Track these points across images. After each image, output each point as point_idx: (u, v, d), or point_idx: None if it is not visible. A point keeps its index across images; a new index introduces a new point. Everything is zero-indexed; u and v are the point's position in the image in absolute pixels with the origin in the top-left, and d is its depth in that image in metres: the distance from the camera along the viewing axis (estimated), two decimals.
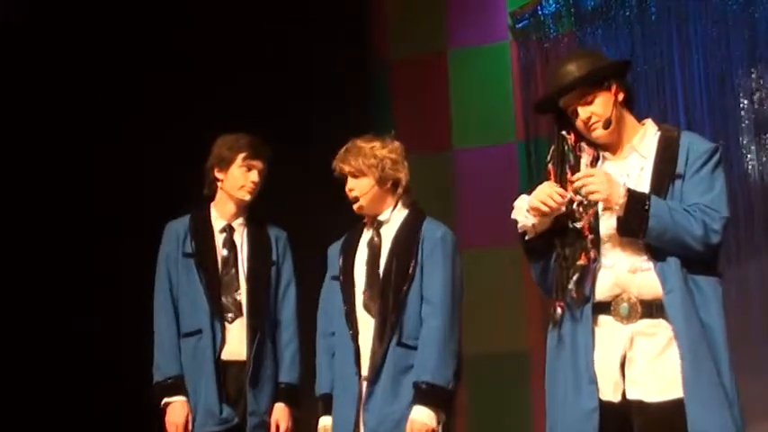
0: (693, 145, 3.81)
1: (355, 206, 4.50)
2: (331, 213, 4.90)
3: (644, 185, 3.76)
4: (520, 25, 6.96)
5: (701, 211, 3.68)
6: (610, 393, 3.73)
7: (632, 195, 3.66)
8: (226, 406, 4.72)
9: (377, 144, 4.51)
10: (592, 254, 3.73)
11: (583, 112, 3.81)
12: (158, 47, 6.81)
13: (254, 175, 4.82)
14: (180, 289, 4.82)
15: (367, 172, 4.46)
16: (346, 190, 4.50)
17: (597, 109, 3.80)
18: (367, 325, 4.41)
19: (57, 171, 6.71)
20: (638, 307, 3.71)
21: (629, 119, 3.88)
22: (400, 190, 4.50)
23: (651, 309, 3.70)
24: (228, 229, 4.88)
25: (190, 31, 6.83)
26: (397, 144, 4.55)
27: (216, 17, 6.89)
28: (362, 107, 6.86)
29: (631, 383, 3.71)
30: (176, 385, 4.75)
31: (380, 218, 4.52)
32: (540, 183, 3.80)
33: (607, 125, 3.80)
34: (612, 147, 3.87)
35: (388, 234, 4.49)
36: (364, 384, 4.38)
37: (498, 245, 6.67)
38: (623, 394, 3.72)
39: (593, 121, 3.80)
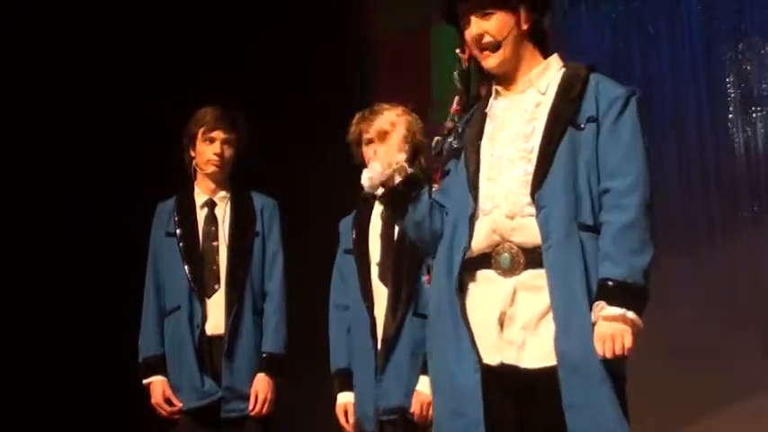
0: (603, 86, 3.42)
1: None
2: (325, 186, 4.88)
3: (539, 124, 3.40)
4: None
5: (614, 207, 3.27)
6: (489, 356, 3.34)
7: (616, 299, 3.20)
8: (208, 379, 4.69)
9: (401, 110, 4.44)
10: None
11: (476, 25, 3.44)
12: (146, 33, 6.77)
13: (215, 148, 4.81)
14: (163, 269, 4.83)
15: (397, 135, 4.36)
16: (369, 152, 4.33)
17: (492, 28, 3.43)
18: (383, 296, 4.37)
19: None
20: (521, 257, 3.33)
21: (532, 53, 3.50)
22: (421, 158, 4.39)
23: (535, 258, 3.31)
24: (210, 204, 4.87)
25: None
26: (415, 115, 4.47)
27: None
28: (349, 85, 6.82)
29: (509, 345, 3.32)
30: (154, 364, 4.77)
31: None
32: None
33: (496, 48, 3.43)
34: (507, 79, 3.50)
35: None
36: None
37: None
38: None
39: (484, 40, 3.43)
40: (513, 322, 3.33)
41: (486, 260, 3.37)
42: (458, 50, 3.52)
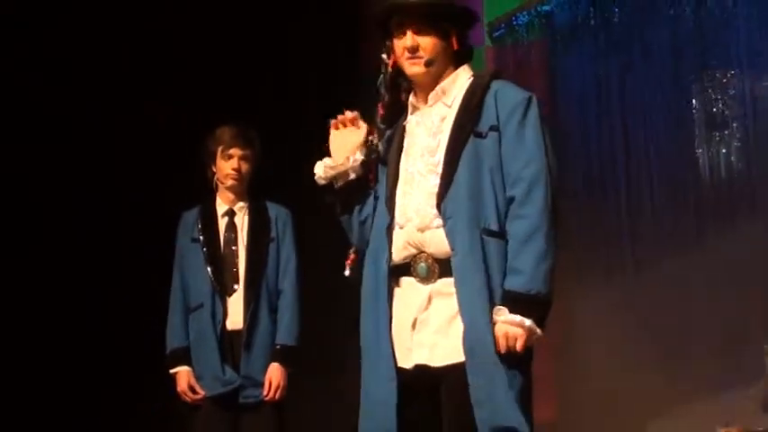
0: (502, 93, 3.48)
1: None
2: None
3: (444, 137, 3.49)
4: (496, 34, 7.28)
5: (515, 218, 3.39)
6: (403, 361, 3.47)
7: (518, 308, 3.34)
8: (228, 369, 5.05)
9: None
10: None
11: (411, 38, 3.49)
12: (154, 40, 6.87)
13: (233, 163, 5.16)
14: (188, 271, 5.19)
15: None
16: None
17: (427, 45, 3.48)
18: None
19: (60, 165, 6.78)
20: (436, 266, 3.45)
21: (451, 70, 3.56)
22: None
23: (447, 267, 3.43)
24: (230, 213, 5.24)
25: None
26: None
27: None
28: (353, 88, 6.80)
29: (419, 347, 3.45)
30: (178, 356, 5.13)
31: None
32: None
33: (429, 64, 3.49)
34: (423, 93, 3.57)
35: None
36: None
37: None
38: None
39: (416, 54, 3.49)
40: (426, 326, 3.45)
41: (406, 269, 3.50)
42: (383, 56, 3.56)
